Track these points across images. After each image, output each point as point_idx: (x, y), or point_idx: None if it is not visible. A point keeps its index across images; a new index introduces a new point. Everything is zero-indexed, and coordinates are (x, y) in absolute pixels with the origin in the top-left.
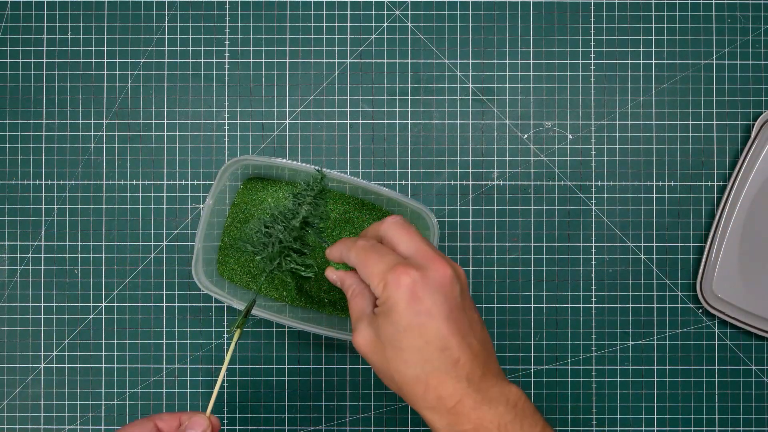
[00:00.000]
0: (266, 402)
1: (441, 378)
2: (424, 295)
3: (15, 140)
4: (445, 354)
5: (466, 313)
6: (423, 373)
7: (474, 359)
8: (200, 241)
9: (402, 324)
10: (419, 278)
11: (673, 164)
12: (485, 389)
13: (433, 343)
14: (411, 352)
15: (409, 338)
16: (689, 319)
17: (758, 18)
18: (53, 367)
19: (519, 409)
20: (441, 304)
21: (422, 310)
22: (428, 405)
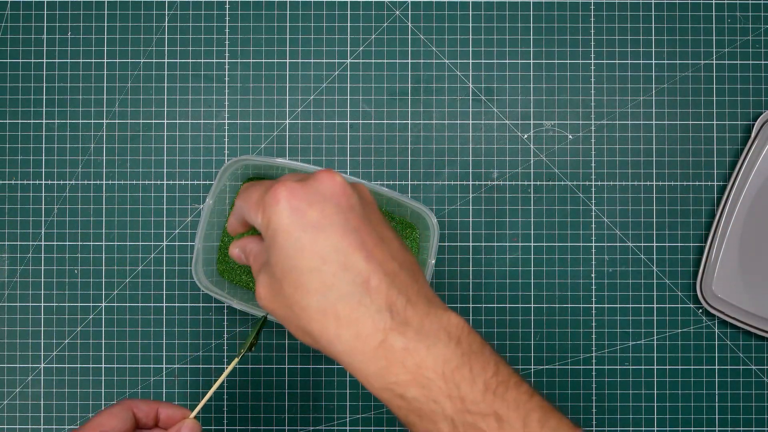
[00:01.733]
0: (266, 402)
1: (351, 306)
2: (308, 206)
3: (15, 140)
4: (350, 273)
5: (372, 226)
6: (328, 303)
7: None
8: (200, 241)
9: (290, 244)
10: (299, 188)
11: (673, 164)
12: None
13: (331, 260)
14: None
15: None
16: (689, 319)
17: (758, 18)
18: (53, 367)
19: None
20: (333, 214)
21: (308, 222)
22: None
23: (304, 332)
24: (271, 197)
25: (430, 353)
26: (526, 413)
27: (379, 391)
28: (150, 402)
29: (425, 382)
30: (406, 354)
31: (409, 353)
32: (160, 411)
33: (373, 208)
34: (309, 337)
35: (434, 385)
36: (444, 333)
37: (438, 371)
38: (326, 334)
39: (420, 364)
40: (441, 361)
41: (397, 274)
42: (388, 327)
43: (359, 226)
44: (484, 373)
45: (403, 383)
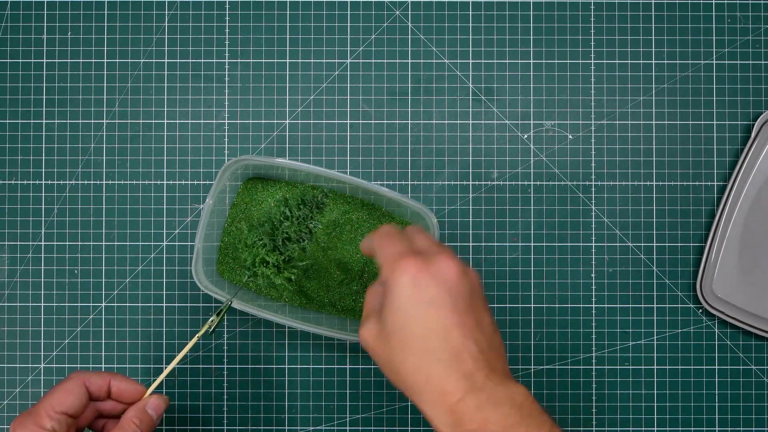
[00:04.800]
0: (266, 402)
1: (443, 370)
2: (428, 285)
3: (15, 140)
4: (448, 345)
5: (473, 311)
6: (425, 363)
7: (479, 356)
8: (200, 241)
9: (405, 310)
10: (424, 267)
11: (673, 164)
12: (490, 389)
13: (436, 332)
14: (413, 340)
15: (412, 325)
16: (689, 319)
17: (758, 18)
18: (53, 367)
19: (525, 410)
20: (445, 296)
21: (424, 298)
22: (430, 399)
23: (396, 377)
24: (402, 266)
25: (495, 412)
26: None
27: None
28: (102, 374)
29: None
30: (477, 411)
31: (479, 411)
32: (112, 383)
33: (478, 293)
34: (400, 382)
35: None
36: (509, 399)
37: (500, 425)
38: (416, 386)
39: (486, 419)
40: (503, 418)
41: (484, 351)
42: (467, 390)
43: (463, 310)
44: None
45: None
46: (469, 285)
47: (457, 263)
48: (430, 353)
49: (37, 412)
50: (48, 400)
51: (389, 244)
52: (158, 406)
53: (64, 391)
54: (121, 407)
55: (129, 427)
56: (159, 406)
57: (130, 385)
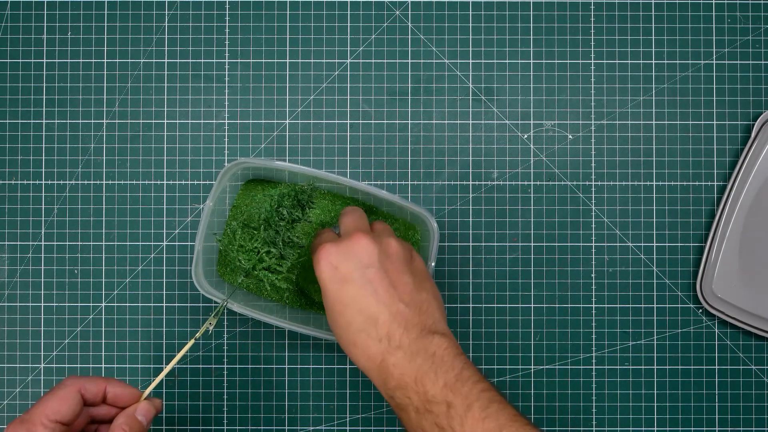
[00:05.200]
0: (266, 402)
1: (363, 338)
2: (339, 262)
3: (15, 140)
4: (363, 315)
5: (387, 275)
6: (350, 335)
7: (395, 317)
8: (200, 242)
9: (328, 294)
10: (334, 249)
11: (673, 164)
12: (407, 345)
13: (351, 305)
14: (338, 317)
15: (334, 305)
16: (689, 319)
17: (758, 18)
18: (53, 367)
19: (437, 357)
20: (355, 269)
21: (338, 276)
22: (364, 365)
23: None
24: (320, 255)
25: (410, 365)
26: (471, 401)
27: (384, 396)
28: (98, 381)
29: (403, 385)
30: (395, 367)
31: (396, 367)
32: (107, 389)
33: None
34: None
35: (409, 387)
36: (424, 351)
37: (412, 376)
38: (352, 356)
39: (403, 373)
40: (415, 369)
41: (401, 312)
42: (385, 351)
43: (374, 278)
44: (446, 375)
45: (392, 388)
46: (380, 254)
47: (367, 237)
48: (352, 326)
49: (31, 420)
50: (42, 407)
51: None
52: (148, 411)
53: (59, 398)
54: (115, 412)
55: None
56: (149, 412)
57: (125, 389)
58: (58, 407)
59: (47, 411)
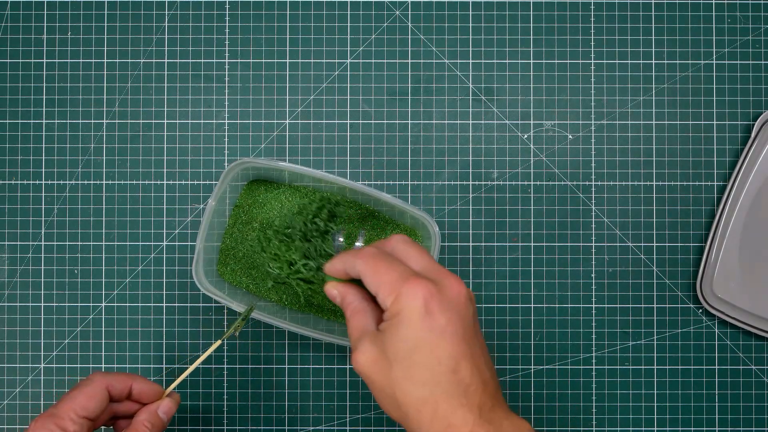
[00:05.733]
0: (266, 402)
1: (451, 403)
2: (440, 311)
3: (15, 140)
4: (457, 377)
5: (478, 339)
6: (432, 396)
7: (485, 387)
8: (201, 242)
9: (414, 339)
10: (436, 292)
11: (673, 164)
12: (497, 422)
13: (445, 363)
14: (421, 370)
15: (420, 355)
16: (689, 319)
17: (758, 18)
18: (53, 367)
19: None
20: (455, 322)
21: (436, 326)
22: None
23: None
24: (409, 292)
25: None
26: None
27: None
28: (124, 378)
29: None
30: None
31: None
32: (133, 387)
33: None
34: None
35: None
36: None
37: None
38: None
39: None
40: None
41: (489, 382)
42: (476, 423)
43: (472, 339)
44: None
45: None
46: (473, 311)
47: (465, 287)
48: (438, 386)
49: (60, 415)
50: (70, 403)
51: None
52: (170, 409)
53: (87, 395)
54: (136, 407)
55: (142, 429)
56: (170, 409)
57: (149, 386)
58: (86, 403)
59: (75, 407)
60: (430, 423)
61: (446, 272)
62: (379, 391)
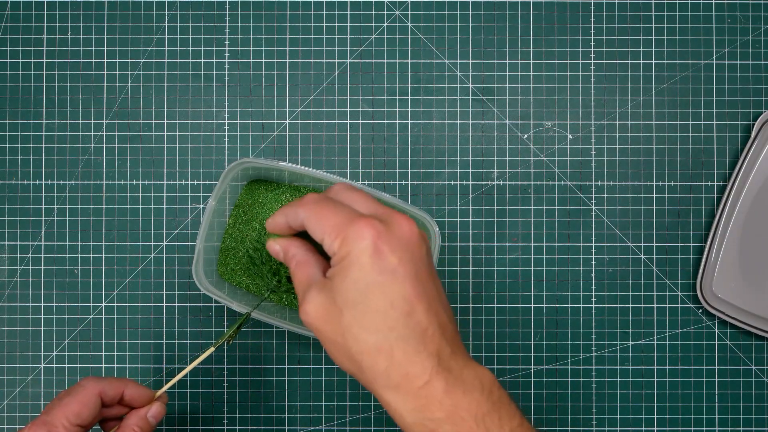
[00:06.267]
0: (266, 402)
1: (407, 349)
2: (390, 251)
3: (15, 140)
4: (412, 321)
5: (432, 278)
6: (386, 343)
7: (443, 331)
8: (201, 241)
9: (364, 282)
10: (384, 232)
11: (673, 164)
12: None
13: (399, 306)
14: (373, 315)
15: (372, 298)
16: (689, 319)
17: (758, 18)
18: (53, 367)
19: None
20: (407, 262)
21: (387, 266)
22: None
23: (350, 360)
24: (356, 232)
25: (465, 397)
26: None
27: (411, 425)
28: (116, 384)
29: (459, 420)
30: (445, 395)
31: (447, 395)
32: (125, 392)
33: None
34: (353, 365)
35: (466, 425)
36: (479, 383)
37: (471, 413)
38: (375, 369)
39: (456, 405)
40: (475, 405)
41: (447, 326)
42: (435, 371)
43: (426, 279)
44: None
45: (437, 420)
46: (426, 248)
47: (416, 225)
48: (392, 331)
49: (53, 423)
50: (63, 410)
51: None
52: (158, 414)
53: (80, 402)
54: (125, 410)
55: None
56: (159, 414)
57: (140, 391)
58: (79, 410)
59: (69, 414)
60: (386, 372)
61: (394, 212)
62: (331, 343)
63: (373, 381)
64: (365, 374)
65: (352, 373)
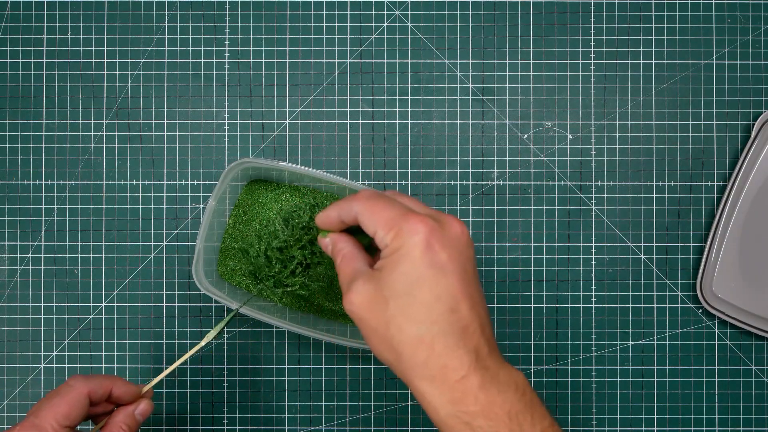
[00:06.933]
0: (266, 402)
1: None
2: (441, 248)
3: (15, 140)
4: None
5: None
6: (429, 334)
7: (483, 330)
8: (201, 241)
9: (414, 274)
10: (437, 229)
11: (673, 164)
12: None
13: (445, 301)
14: (419, 307)
15: (419, 291)
16: (689, 319)
17: (758, 18)
18: (53, 367)
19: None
20: (456, 260)
21: (437, 262)
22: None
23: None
24: (411, 227)
25: (500, 395)
26: None
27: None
28: (104, 383)
29: (493, 416)
30: (481, 391)
31: (483, 391)
32: (113, 391)
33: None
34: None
35: (501, 420)
36: (513, 383)
37: (505, 410)
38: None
39: (491, 401)
40: (509, 403)
41: (486, 326)
42: (473, 367)
43: (472, 279)
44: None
45: (472, 413)
46: (473, 253)
47: (465, 226)
48: (435, 324)
49: (42, 426)
50: (51, 411)
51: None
52: (146, 411)
53: (70, 404)
54: (112, 407)
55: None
56: (147, 411)
57: (128, 388)
58: (68, 412)
59: (58, 416)
60: (425, 363)
61: (445, 214)
62: (373, 331)
63: (411, 371)
64: (404, 364)
65: (390, 362)
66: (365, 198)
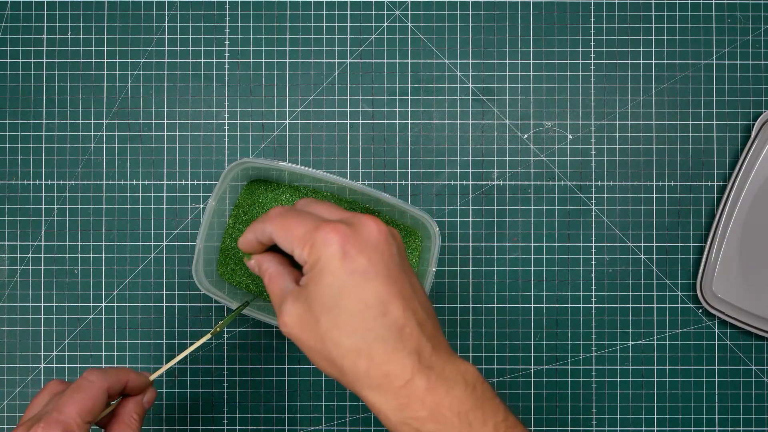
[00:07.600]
0: (266, 402)
1: (386, 349)
2: (358, 253)
3: (15, 140)
4: (388, 319)
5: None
6: (365, 344)
7: (422, 329)
8: (201, 241)
9: (336, 285)
10: (351, 234)
11: (673, 164)
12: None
13: (373, 306)
14: (349, 317)
15: (346, 301)
16: (689, 319)
17: (758, 18)
18: (53, 367)
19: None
20: (377, 262)
21: (357, 268)
22: (372, 383)
23: (331, 364)
24: (323, 238)
25: (448, 395)
26: None
27: (396, 425)
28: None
29: (442, 419)
30: (428, 393)
31: (430, 393)
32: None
33: (404, 254)
34: (335, 369)
35: (449, 422)
36: (461, 379)
37: (454, 410)
38: (356, 371)
39: (439, 403)
40: (457, 402)
41: (425, 323)
42: (415, 369)
43: (398, 277)
44: (494, 417)
45: (421, 418)
46: (397, 247)
47: (383, 224)
48: (369, 331)
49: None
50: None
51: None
52: (152, 399)
53: (93, 399)
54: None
55: (131, 422)
56: (152, 399)
57: (139, 379)
58: (90, 407)
59: (82, 412)
60: (367, 373)
61: (360, 214)
62: (312, 350)
63: (356, 383)
64: (347, 377)
65: (336, 377)
66: (275, 216)
